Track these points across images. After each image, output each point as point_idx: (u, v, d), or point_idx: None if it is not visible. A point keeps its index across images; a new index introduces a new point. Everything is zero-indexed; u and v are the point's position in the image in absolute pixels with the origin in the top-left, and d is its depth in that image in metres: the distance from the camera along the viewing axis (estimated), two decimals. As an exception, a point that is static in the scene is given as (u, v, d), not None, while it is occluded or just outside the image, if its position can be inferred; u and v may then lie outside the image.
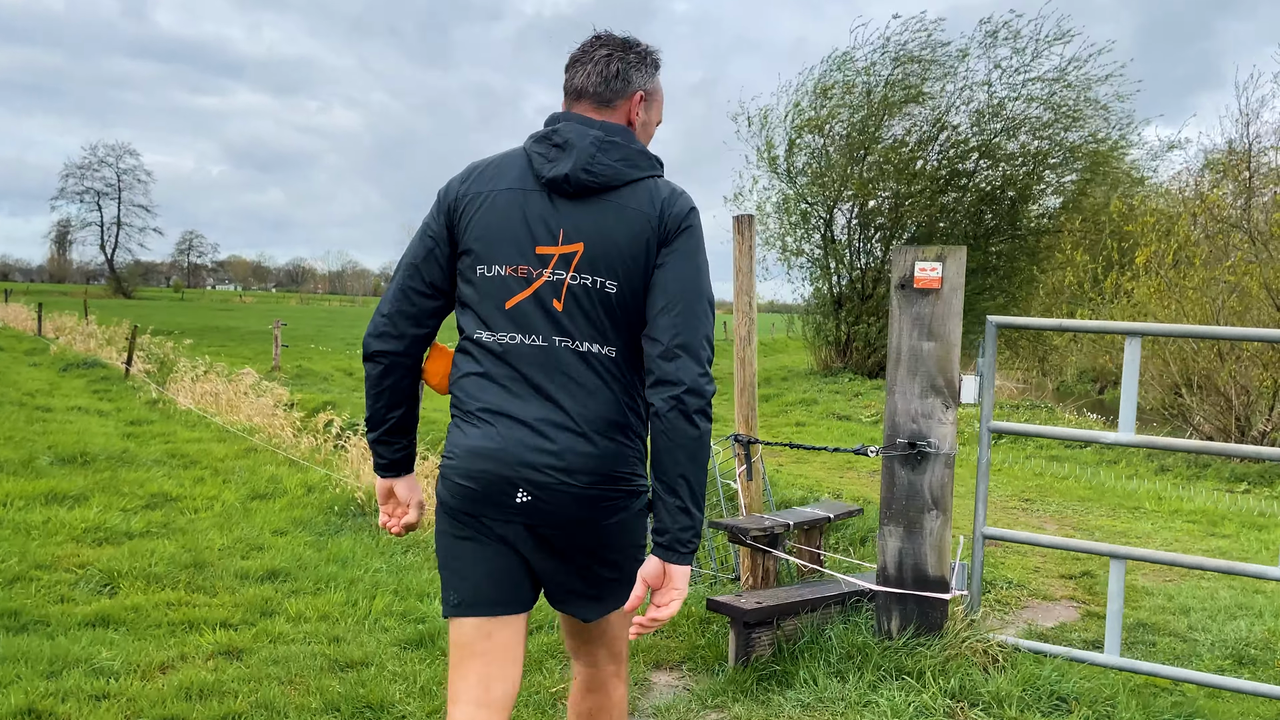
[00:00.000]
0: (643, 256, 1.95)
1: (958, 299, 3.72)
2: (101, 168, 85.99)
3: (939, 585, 3.74)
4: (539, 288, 1.96)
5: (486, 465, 1.93)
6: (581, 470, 1.91)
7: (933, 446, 3.72)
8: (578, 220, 1.96)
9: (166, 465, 7.97)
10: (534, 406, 1.94)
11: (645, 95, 2.10)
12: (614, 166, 1.97)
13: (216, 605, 4.23)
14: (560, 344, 1.95)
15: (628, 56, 2.07)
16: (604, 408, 1.95)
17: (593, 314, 1.95)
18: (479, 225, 2.00)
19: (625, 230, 1.95)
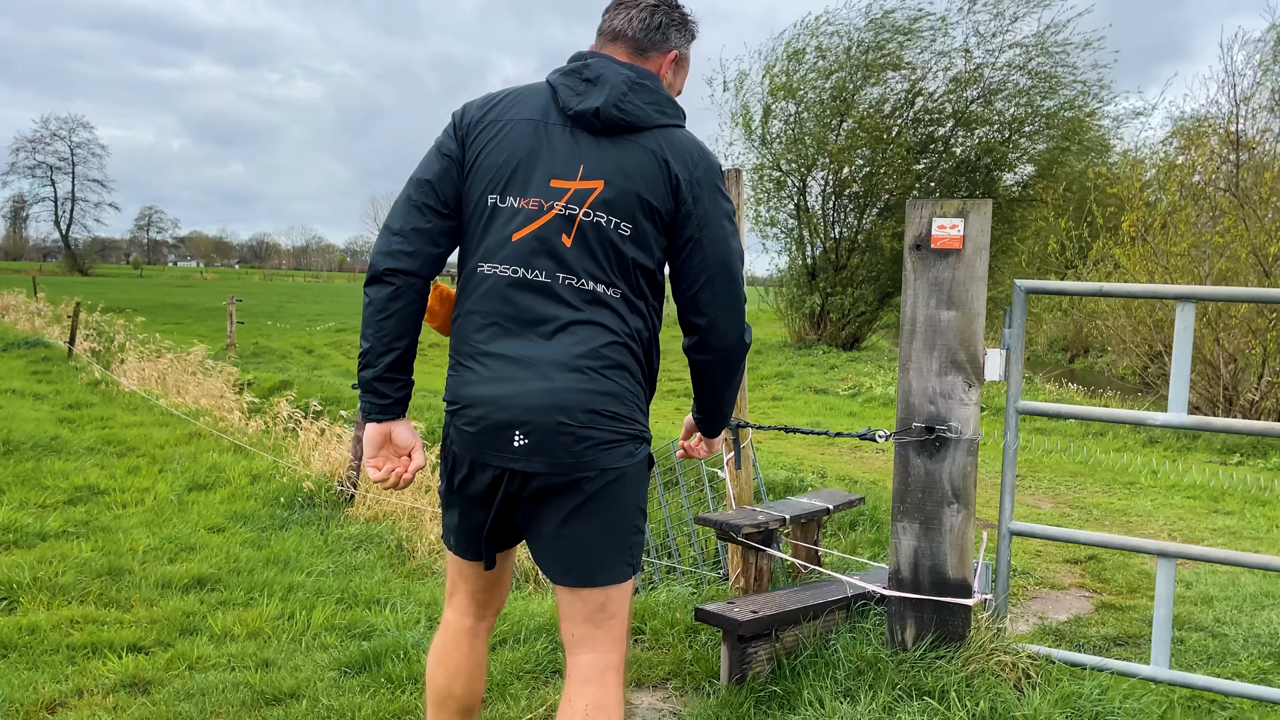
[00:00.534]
0: (661, 203, 1.92)
1: (982, 261, 3.21)
2: (54, 141, 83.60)
3: (961, 589, 3.26)
4: (548, 221, 1.92)
5: (484, 410, 1.91)
6: (578, 408, 1.88)
7: (953, 431, 3.23)
8: (600, 158, 1.92)
9: (100, 453, 7.34)
10: (530, 345, 1.91)
11: (679, 57, 2.10)
12: (645, 108, 1.94)
13: (129, 623, 3.66)
14: (563, 280, 1.92)
15: (672, 14, 2.06)
16: (604, 347, 1.92)
17: (600, 254, 1.92)
18: (493, 153, 1.95)
19: (649, 175, 1.92)
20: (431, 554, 5.25)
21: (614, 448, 1.93)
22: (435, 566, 5.06)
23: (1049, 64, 21.96)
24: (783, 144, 24.29)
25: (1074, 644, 4.35)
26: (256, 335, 21.20)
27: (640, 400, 2.02)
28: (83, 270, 78.10)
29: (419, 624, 3.85)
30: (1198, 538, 6.48)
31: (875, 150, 22.98)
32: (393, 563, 5.13)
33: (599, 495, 1.93)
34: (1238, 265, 11.37)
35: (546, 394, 1.87)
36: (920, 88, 22.93)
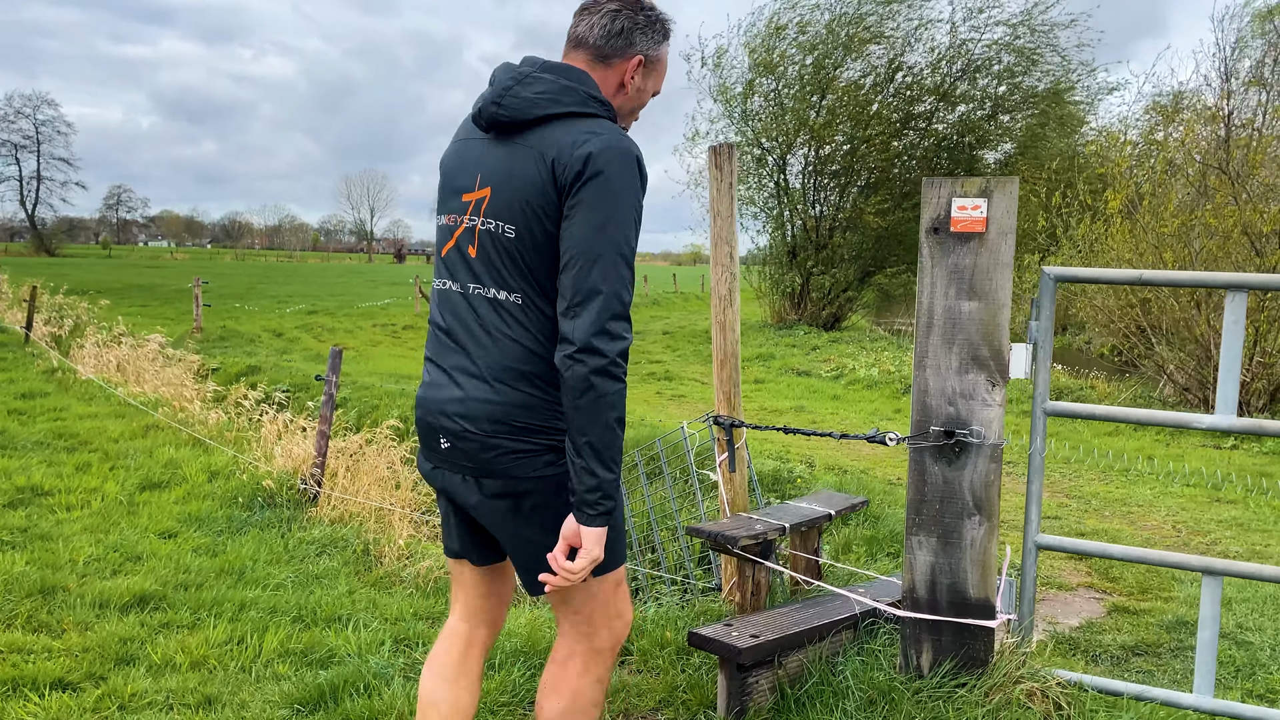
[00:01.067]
0: (539, 200, 1.86)
1: (1008, 246, 2.88)
2: (18, 119, 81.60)
3: (983, 610, 2.94)
4: (460, 235, 1.99)
5: (419, 412, 2.05)
6: (484, 418, 1.91)
7: (975, 435, 2.91)
8: (491, 164, 1.95)
9: (48, 449, 6.91)
10: (451, 354, 1.99)
11: (645, 60, 2.04)
12: (525, 99, 1.91)
13: (58, 652, 3.29)
14: (473, 290, 1.96)
15: (636, 17, 2.00)
16: (507, 356, 1.91)
17: (497, 260, 1.93)
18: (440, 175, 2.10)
19: (523, 172, 1.89)
20: (400, 560, 4.89)
21: (528, 458, 1.92)
22: (403, 574, 4.70)
23: (1035, 42, 21.71)
24: (763, 121, 23.89)
25: (1090, 655, 4.07)
26: (224, 318, 20.63)
27: (558, 408, 1.91)
28: (50, 250, 76.53)
29: (383, 647, 3.49)
30: (1204, 530, 6.23)
31: (856, 127, 22.64)
32: (358, 570, 4.77)
33: (527, 504, 1.94)
34: (1228, 244, 11.13)
35: (457, 402, 1.95)
36: (900, 62, 22.60)
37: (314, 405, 10.24)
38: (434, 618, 4.04)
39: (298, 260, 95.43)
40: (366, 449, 6.57)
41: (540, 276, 1.89)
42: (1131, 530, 6.24)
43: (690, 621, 3.55)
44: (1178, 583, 4.98)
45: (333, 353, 6.03)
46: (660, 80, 2.11)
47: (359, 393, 11.13)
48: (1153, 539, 6.06)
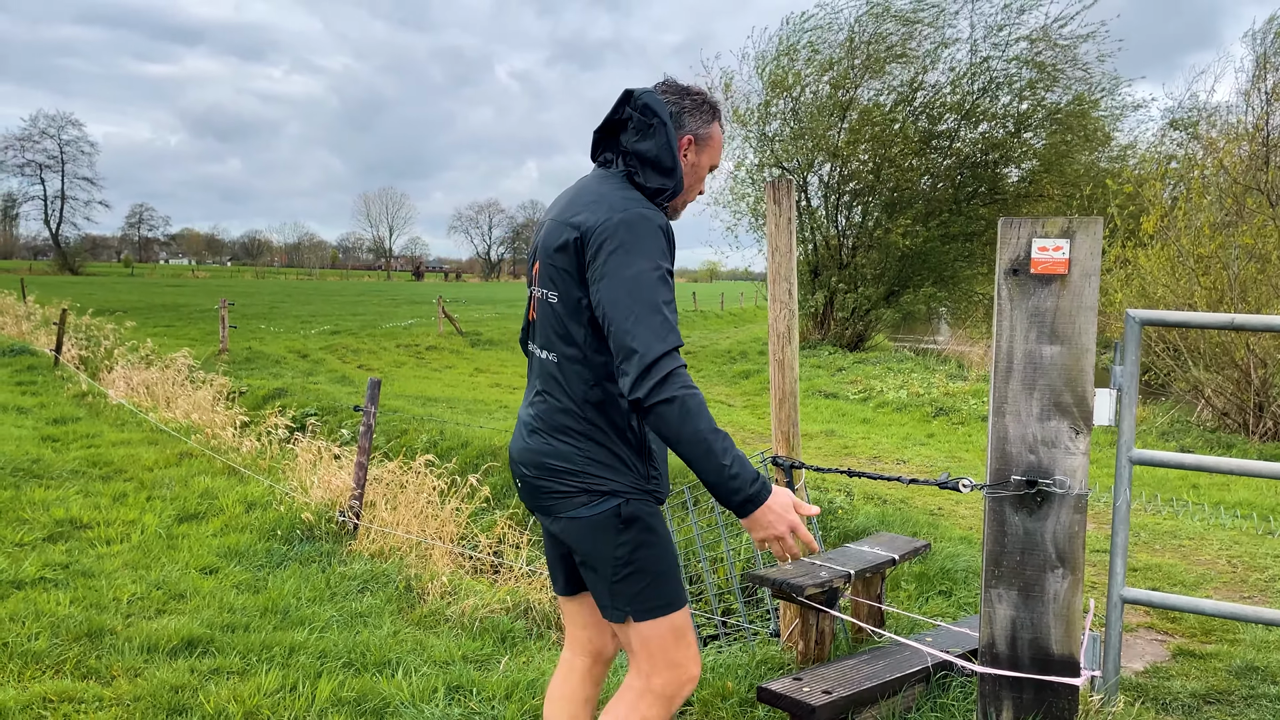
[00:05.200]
0: (570, 268, 2.06)
1: (1091, 288, 2.78)
2: (43, 139, 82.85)
3: (1067, 667, 2.83)
4: (531, 302, 2.27)
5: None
6: (533, 464, 2.17)
7: (1059, 485, 2.80)
8: (542, 237, 2.18)
9: (84, 478, 6.88)
10: (524, 408, 2.30)
11: (696, 139, 2.24)
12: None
13: (109, 701, 3.22)
14: (531, 349, 2.27)
15: (683, 101, 2.22)
16: (551, 409, 2.16)
17: (544, 324, 2.18)
18: None
19: (558, 244, 2.09)
20: (443, 597, 4.81)
21: (565, 498, 2.13)
22: (448, 612, 4.62)
23: (1056, 57, 21.60)
24: (782, 142, 23.86)
25: (1161, 703, 3.93)
26: (249, 339, 20.69)
27: (595, 456, 2.11)
28: (73, 269, 77.36)
29: (436, 694, 3.41)
30: (1260, 565, 6.07)
31: (878, 146, 22.56)
32: (401, 607, 4.69)
33: (572, 541, 2.17)
34: (1268, 267, 10.95)
35: (520, 450, 2.24)
36: (921, 80, 22.54)
37: (346, 431, 10.21)
38: (482, 661, 3.95)
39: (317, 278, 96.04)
40: (404, 478, 6.50)
41: (576, 338, 2.10)
42: (1186, 565, 6.09)
43: (752, 670, 3.44)
44: (1242, 624, 4.83)
45: (371, 383, 5.98)
46: (716, 155, 2.29)
47: (386, 417, 11.09)
48: (1208, 575, 5.91)
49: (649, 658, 2.14)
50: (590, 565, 2.14)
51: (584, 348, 2.08)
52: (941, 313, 30.26)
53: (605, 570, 2.11)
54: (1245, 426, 11.18)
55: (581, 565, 2.18)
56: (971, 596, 5.08)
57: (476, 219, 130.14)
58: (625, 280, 1.95)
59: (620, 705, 2.17)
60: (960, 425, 12.66)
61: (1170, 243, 11.78)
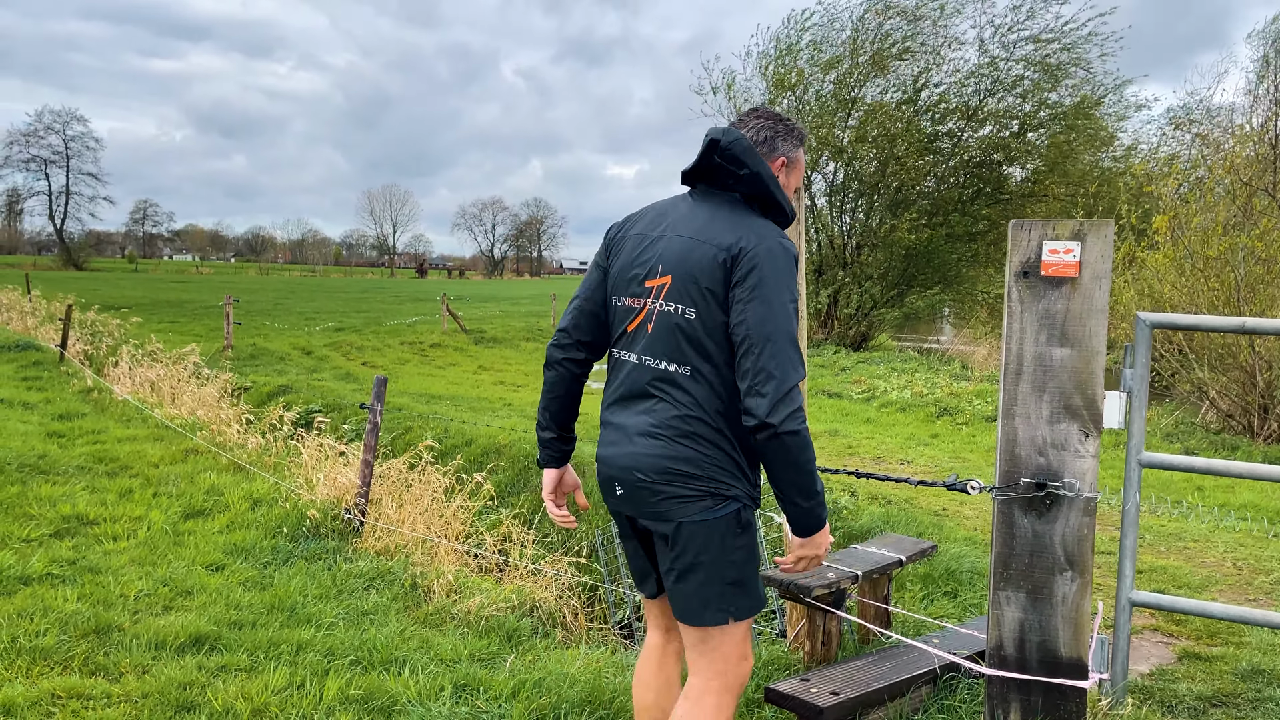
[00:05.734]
0: (714, 287, 2.17)
1: (1102, 291, 2.78)
2: (48, 134, 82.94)
3: (1075, 669, 2.83)
4: (643, 315, 2.29)
5: (601, 467, 2.39)
6: (652, 469, 2.22)
7: (1068, 488, 2.80)
8: (670, 256, 2.25)
9: (90, 474, 6.89)
10: (628, 416, 2.33)
11: (787, 161, 2.40)
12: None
13: (118, 698, 3.23)
14: (645, 361, 2.29)
15: (776, 127, 2.39)
16: (676, 418, 2.22)
17: (672, 336, 2.23)
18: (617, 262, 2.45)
19: (698, 262, 2.19)
20: (449, 595, 4.81)
21: (689, 502, 2.20)
22: (454, 610, 4.62)
23: (1064, 57, 21.57)
24: (787, 142, 23.80)
25: (1167, 706, 3.92)
26: (254, 335, 20.71)
27: (721, 464, 2.21)
28: (77, 264, 77.45)
29: (444, 693, 3.41)
30: (1266, 568, 6.07)
31: (883, 145, 22.54)
32: (407, 605, 4.70)
33: (685, 544, 2.22)
34: (1274, 269, 10.94)
35: (630, 456, 2.27)
36: (926, 79, 22.52)
37: (349, 428, 10.23)
38: (488, 660, 3.96)
39: (321, 275, 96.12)
40: (409, 476, 6.51)
41: (712, 353, 2.18)
42: (1191, 568, 6.08)
43: (759, 671, 3.45)
44: (1248, 627, 4.83)
45: (377, 381, 5.98)
46: (800, 177, 2.47)
47: (391, 414, 11.09)
48: (1214, 577, 5.90)
49: (728, 654, 2.27)
50: (699, 567, 2.21)
51: (719, 363, 2.18)
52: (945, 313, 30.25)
53: (717, 572, 2.21)
54: (1250, 428, 11.16)
55: (686, 569, 2.22)
56: (977, 598, 5.07)
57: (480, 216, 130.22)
58: (772, 307, 2.09)
59: (704, 713, 2.25)
60: (964, 426, 12.65)
61: (1179, 243, 11.76)
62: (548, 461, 2.56)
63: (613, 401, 2.36)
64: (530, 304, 40.55)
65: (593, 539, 6.85)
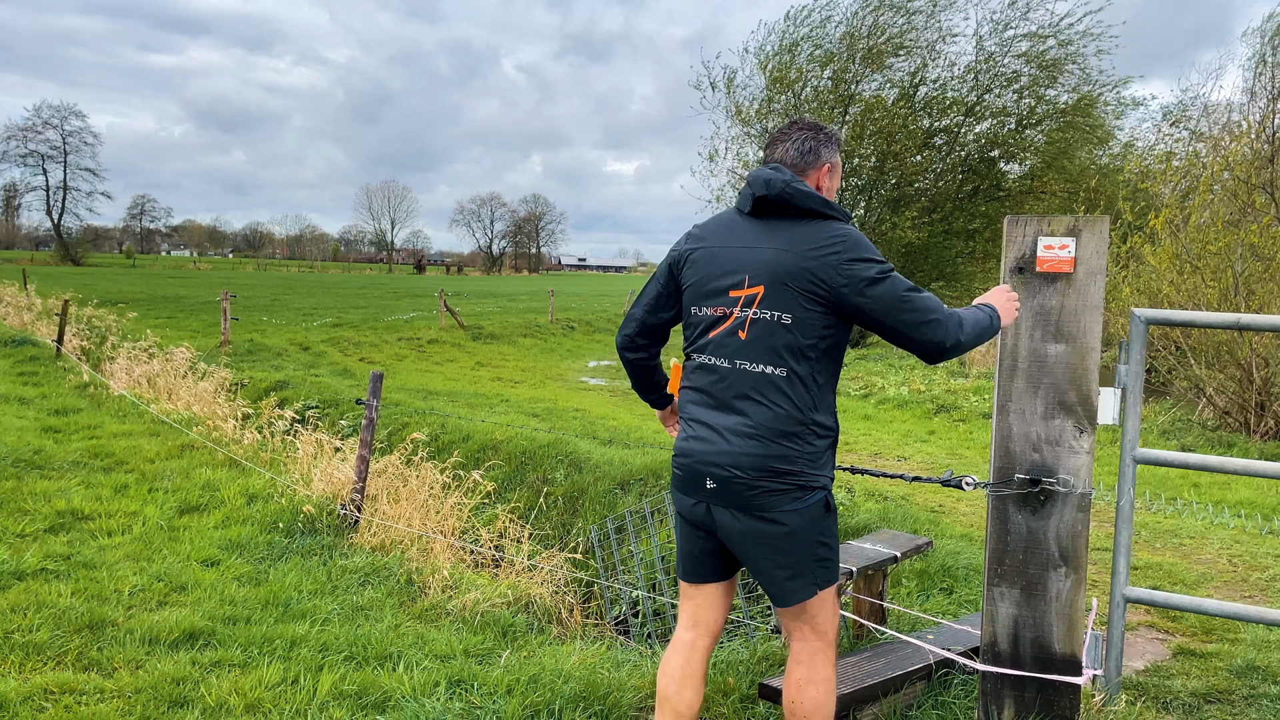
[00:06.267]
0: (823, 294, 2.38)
1: (1097, 287, 2.78)
2: (45, 130, 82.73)
3: (1069, 665, 2.83)
4: (731, 322, 2.48)
5: (687, 460, 2.54)
6: (749, 466, 2.40)
7: (1062, 484, 2.80)
8: (759, 267, 2.45)
9: (86, 469, 6.88)
10: (720, 415, 2.49)
11: (830, 166, 2.61)
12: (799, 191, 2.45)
13: (111, 693, 3.22)
14: (741, 365, 2.46)
15: (818, 137, 2.59)
16: (772, 418, 2.41)
17: (766, 340, 2.42)
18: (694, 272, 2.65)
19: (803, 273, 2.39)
20: (445, 590, 4.81)
21: (781, 495, 2.39)
22: (449, 606, 4.62)
23: (1061, 53, 21.55)
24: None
25: (1161, 702, 3.92)
26: (251, 331, 20.69)
27: (811, 457, 2.42)
28: (75, 260, 77.34)
29: (438, 689, 3.41)
30: (1261, 565, 6.07)
31: (880, 141, 22.52)
32: (402, 600, 4.69)
33: (777, 536, 2.42)
34: (1273, 266, 10.93)
35: (725, 454, 2.44)
36: (923, 75, 22.49)
37: (345, 423, 10.21)
38: (483, 656, 3.95)
39: (319, 270, 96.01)
40: (406, 472, 6.50)
41: (810, 354, 2.40)
42: (1186, 564, 6.08)
43: (753, 667, 3.44)
44: (1243, 623, 4.83)
45: (373, 376, 5.98)
46: (839, 179, 2.67)
47: (388, 410, 11.08)
48: (1209, 574, 5.91)
49: (822, 616, 2.53)
50: (789, 552, 2.43)
51: (814, 363, 2.41)
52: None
53: (808, 553, 2.44)
54: (1246, 425, 11.16)
55: (775, 552, 2.42)
56: (972, 594, 5.07)
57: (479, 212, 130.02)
58: (893, 284, 2.35)
59: (820, 668, 2.52)
60: (961, 422, 12.65)
61: (1178, 240, 11.75)
62: (658, 405, 2.91)
63: (701, 402, 2.52)
64: (528, 300, 40.52)
65: (588, 535, 6.85)
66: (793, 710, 2.54)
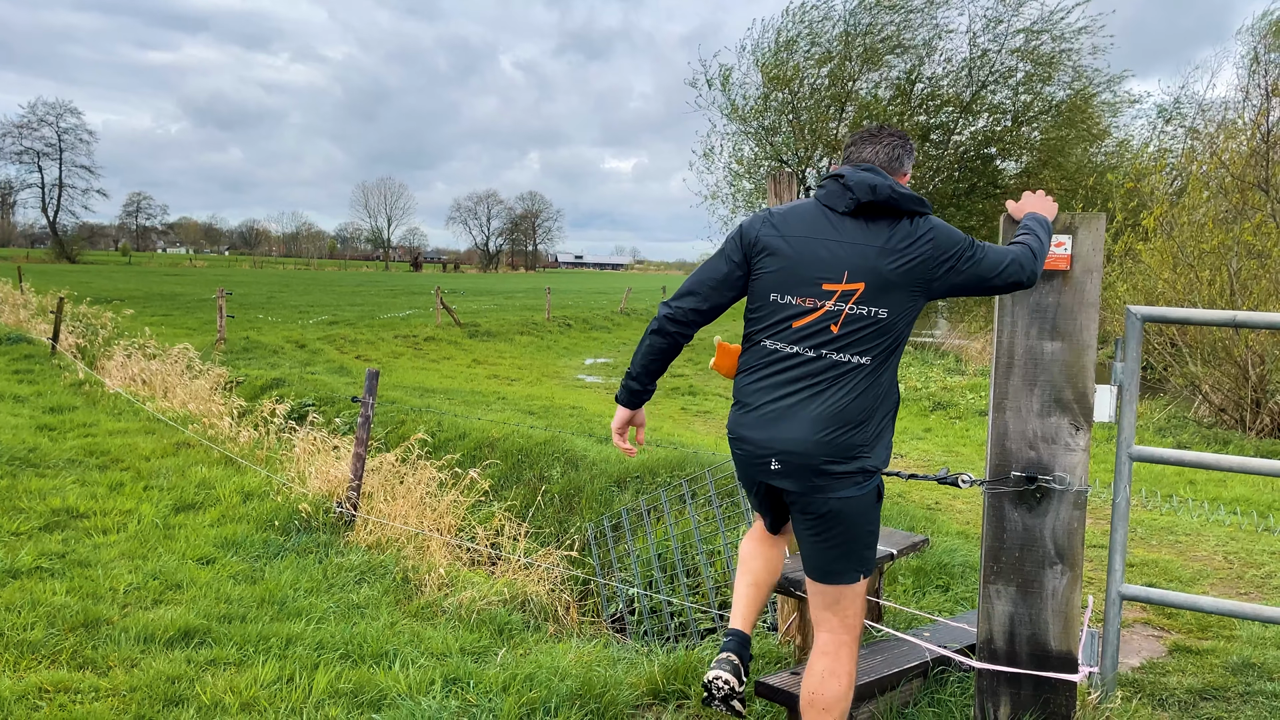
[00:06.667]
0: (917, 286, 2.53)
1: (1093, 285, 2.78)
2: (41, 127, 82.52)
3: (1065, 663, 2.83)
4: (822, 315, 2.54)
5: (755, 435, 2.61)
6: (816, 451, 2.49)
7: (1058, 481, 2.80)
8: (857, 263, 2.52)
9: (81, 467, 6.87)
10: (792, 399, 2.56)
11: (907, 175, 2.74)
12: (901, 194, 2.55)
13: (105, 693, 3.21)
14: (826, 355, 2.54)
15: (906, 145, 2.72)
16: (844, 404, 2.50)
17: (857, 333, 2.52)
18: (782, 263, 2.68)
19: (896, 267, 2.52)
20: (441, 588, 4.80)
21: (845, 478, 2.49)
22: (445, 604, 4.61)
23: (1054, 48, 21.57)
24: (783, 135, 23.81)
25: (1156, 699, 3.93)
26: (247, 329, 20.65)
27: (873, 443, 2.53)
28: (70, 257, 77.17)
29: (434, 687, 3.40)
30: (1257, 562, 6.08)
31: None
32: (399, 599, 4.69)
33: (833, 516, 2.53)
34: (1268, 264, 10.95)
35: (794, 440, 2.51)
36: (919, 72, 22.49)
37: (341, 421, 10.19)
38: (479, 653, 3.95)
39: (315, 268, 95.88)
40: (402, 469, 6.49)
41: (894, 346, 2.52)
42: (1182, 562, 6.09)
43: (754, 670, 3.44)
44: (1239, 620, 4.83)
45: (369, 374, 5.97)
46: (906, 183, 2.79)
47: (384, 408, 11.07)
48: (1205, 571, 5.92)
49: (853, 609, 2.61)
50: (843, 534, 2.54)
51: (896, 353, 2.54)
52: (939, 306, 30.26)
53: (859, 537, 2.57)
54: (1242, 422, 11.19)
55: (832, 535, 2.54)
56: (968, 591, 5.08)
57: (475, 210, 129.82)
58: (977, 255, 2.52)
59: (844, 662, 2.58)
60: (958, 419, 12.66)
61: (1173, 238, 11.77)
62: (629, 403, 2.83)
63: (773, 386, 2.57)
64: (525, 298, 40.50)
65: (585, 533, 6.84)
66: (812, 701, 2.57)
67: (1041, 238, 2.63)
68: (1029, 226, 2.68)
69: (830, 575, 2.58)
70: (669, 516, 5.94)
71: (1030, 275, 2.54)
